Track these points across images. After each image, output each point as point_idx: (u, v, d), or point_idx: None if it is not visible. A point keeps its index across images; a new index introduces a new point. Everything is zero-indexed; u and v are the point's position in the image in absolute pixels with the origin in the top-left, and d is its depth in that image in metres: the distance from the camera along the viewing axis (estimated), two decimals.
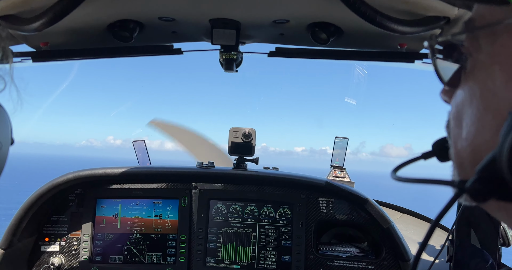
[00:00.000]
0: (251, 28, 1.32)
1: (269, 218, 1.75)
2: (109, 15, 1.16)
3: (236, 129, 1.80)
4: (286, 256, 1.72)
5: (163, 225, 1.78)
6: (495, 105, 0.40)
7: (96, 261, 1.74)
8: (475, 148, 0.42)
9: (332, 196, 1.75)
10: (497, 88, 0.39)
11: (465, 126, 0.44)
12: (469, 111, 0.43)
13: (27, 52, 1.27)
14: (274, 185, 1.79)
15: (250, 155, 1.82)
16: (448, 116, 0.49)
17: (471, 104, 0.43)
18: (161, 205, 1.79)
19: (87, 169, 1.76)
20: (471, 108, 0.43)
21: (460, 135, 0.45)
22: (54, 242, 1.75)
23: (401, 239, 1.62)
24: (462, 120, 0.44)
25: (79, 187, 1.77)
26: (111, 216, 1.78)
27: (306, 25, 1.25)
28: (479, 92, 0.42)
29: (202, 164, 1.86)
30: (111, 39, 1.26)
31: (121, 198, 1.79)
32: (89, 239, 1.74)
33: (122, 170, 1.77)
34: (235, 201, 1.78)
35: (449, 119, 0.48)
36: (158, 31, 1.31)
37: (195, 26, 1.29)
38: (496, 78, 0.40)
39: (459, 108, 0.45)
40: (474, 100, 0.43)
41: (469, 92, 0.44)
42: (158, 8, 1.14)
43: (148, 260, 1.76)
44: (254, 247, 1.75)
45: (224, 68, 1.45)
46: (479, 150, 0.41)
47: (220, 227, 1.77)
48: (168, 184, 1.82)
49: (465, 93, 0.45)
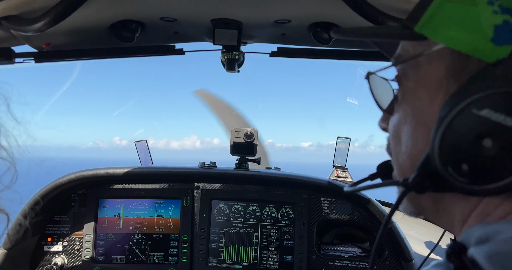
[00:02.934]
0: (253, 28, 1.32)
1: (271, 218, 1.75)
2: (111, 16, 1.17)
3: (238, 130, 1.80)
4: (288, 256, 1.72)
5: (165, 225, 1.78)
6: (424, 120, 0.49)
7: (99, 261, 1.75)
8: (413, 158, 0.51)
9: (334, 196, 1.75)
10: (424, 107, 0.49)
11: (403, 142, 0.53)
12: (405, 128, 0.52)
13: (29, 52, 1.28)
14: (276, 185, 1.79)
15: (252, 155, 1.82)
16: (388, 139, 0.58)
17: (405, 122, 0.52)
18: (163, 205, 1.79)
19: (90, 169, 1.76)
20: (406, 126, 0.52)
21: (400, 150, 0.53)
22: (56, 242, 1.76)
23: (403, 239, 1.61)
24: (401, 137, 0.53)
25: (82, 187, 1.78)
26: (113, 216, 1.78)
27: (308, 25, 1.25)
28: (411, 112, 0.51)
29: (204, 164, 1.86)
30: (113, 39, 1.26)
31: (123, 198, 1.79)
32: (92, 239, 1.74)
33: (124, 170, 1.77)
34: (237, 201, 1.78)
35: (389, 141, 0.58)
36: (160, 31, 1.31)
37: (197, 26, 1.29)
38: (422, 99, 0.49)
39: (396, 128, 0.54)
40: (408, 119, 0.52)
41: (403, 113, 0.53)
42: (160, 9, 1.14)
43: (151, 260, 1.76)
44: (256, 247, 1.74)
45: (226, 68, 1.45)
46: (416, 159, 0.48)
47: (222, 227, 1.77)
48: (170, 184, 1.82)
49: (400, 115, 0.54)
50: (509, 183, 0.39)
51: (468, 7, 0.44)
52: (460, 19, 0.44)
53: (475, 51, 0.43)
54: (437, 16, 0.46)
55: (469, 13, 0.44)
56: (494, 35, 0.41)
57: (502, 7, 0.42)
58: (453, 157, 0.42)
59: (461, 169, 0.41)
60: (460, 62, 0.45)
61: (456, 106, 0.41)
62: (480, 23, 0.42)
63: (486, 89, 0.39)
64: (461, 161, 0.41)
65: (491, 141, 0.39)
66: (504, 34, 0.41)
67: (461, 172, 0.41)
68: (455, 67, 0.46)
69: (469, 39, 0.43)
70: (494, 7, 0.42)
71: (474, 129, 0.40)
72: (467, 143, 0.40)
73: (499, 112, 0.38)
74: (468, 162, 0.41)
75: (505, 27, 0.41)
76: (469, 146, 0.40)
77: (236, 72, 1.49)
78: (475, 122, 0.39)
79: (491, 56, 0.42)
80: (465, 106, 0.40)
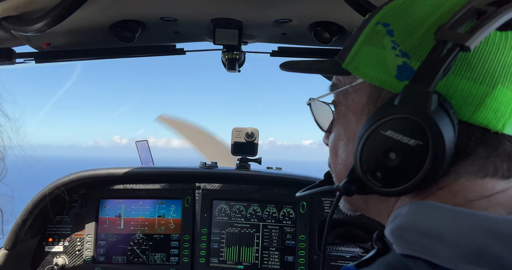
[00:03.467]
0: (254, 28, 1.31)
1: (273, 218, 1.75)
2: (111, 16, 1.16)
3: (238, 129, 1.80)
4: (289, 256, 1.71)
5: (166, 226, 1.78)
6: (353, 137, 0.60)
7: (100, 261, 1.75)
8: (346, 168, 0.61)
9: (335, 196, 1.74)
10: (352, 127, 0.61)
11: (339, 155, 0.65)
12: (340, 144, 0.64)
13: (29, 53, 1.27)
14: (277, 185, 1.79)
15: (253, 155, 1.82)
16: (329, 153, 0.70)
17: (340, 139, 0.64)
18: (164, 205, 1.79)
19: (90, 169, 1.76)
20: (340, 142, 0.64)
21: (337, 161, 0.66)
22: (57, 243, 1.75)
23: None
24: (337, 151, 0.65)
25: (82, 187, 1.78)
26: (114, 216, 1.78)
27: (308, 25, 1.25)
28: (343, 131, 0.63)
29: (205, 164, 1.86)
30: (113, 39, 1.26)
31: (124, 198, 1.79)
32: (93, 240, 1.74)
33: (125, 171, 1.77)
34: (238, 201, 1.78)
35: (329, 154, 0.70)
36: (160, 31, 1.31)
37: (198, 26, 1.28)
38: (351, 120, 0.61)
39: (334, 144, 0.66)
40: (342, 136, 0.64)
41: (338, 132, 0.65)
42: (160, 9, 1.14)
43: (152, 260, 1.76)
44: (257, 247, 1.74)
45: (227, 68, 1.45)
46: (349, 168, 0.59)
47: (223, 227, 1.77)
48: (171, 184, 1.82)
49: (336, 133, 0.66)
50: (411, 184, 0.49)
51: (379, 50, 0.55)
52: (373, 60, 0.55)
53: (385, 85, 0.54)
54: (357, 56, 0.58)
55: (379, 55, 0.55)
56: (397, 73, 0.52)
57: (402, 51, 0.53)
58: (370, 167, 0.52)
59: (376, 176, 0.52)
60: (377, 92, 0.56)
61: (369, 128, 0.52)
62: (387, 64, 0.53)
63: (388, 115, 0.50)
64: (375, 170, 0.52)
65: (394, 154, 0.49)
66: (404, 72, 0.52)
67: (376, 178, 0.52)
68: (373, 96, 0.57)
69: (380, 76, 0.54)
70: (396, 51, 0.53)
71: (382, 145, 0.50)
72: (378, 156, 0.51)
73: (398, 133, 0.49)
74: (380, 170, 0.51)
75: (404, 67, 0.52)
76: (380, 158, 0.51)
77: (237, 72, 1.49)
78: (382, 140, 0.50)
79: (396, 89, 0.52)
80: (375, 128, 0.51)
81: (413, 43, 0.52)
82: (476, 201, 0.50)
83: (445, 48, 0.47)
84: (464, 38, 0.45)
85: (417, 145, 0.48)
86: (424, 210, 0.49)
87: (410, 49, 0.52)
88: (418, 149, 0.48)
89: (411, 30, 0.53)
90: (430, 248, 0.45)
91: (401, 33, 0.54)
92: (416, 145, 0.48)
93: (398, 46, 0.53)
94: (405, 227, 0.49)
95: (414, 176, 0.49)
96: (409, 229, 0.49)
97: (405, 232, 0.49)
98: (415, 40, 0.52)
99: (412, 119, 0.48)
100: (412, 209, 0.51)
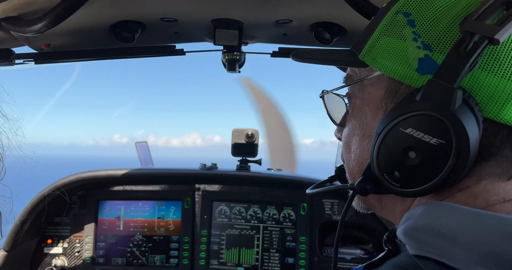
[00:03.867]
0: (254, 29, 1.31)
1: (273, 220, 1.74)
2: (111, 16, 1.16)
3: (239, 130, 1.79)
4: (290, 258, 1.71)
5: (166, 227, 1.77)
6: (368, 134, 0.58)
7: (99, 263, 1.74)
8: (360, 165, 0.59)
9: (336, 198, 1.74)
10: (368, 122, 0.58)
11: (352, 151, 0.62)
12: (354, 140, 0.61)
13: (29, 53, 1.27)
14: (278, 186, 1.78)
15: (253, 156, 1.81)
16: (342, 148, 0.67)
17: (354, 135, 0.61)
18: (164, 207, 1.78)
19: (90, 170, 1.76)
20: (354, 138, 0.61)
21: (350, 157, 0.63)
22: (56, 244, 1.75)
23: None
24: (351, 147, 0.62)
25: (82, 188, 1.77)
26: (113, 218, 1.77)
27: (309, 25, 1.24)
28: (358, 126, 0.60)
29: (205, 165, 1.85)
30: (113, 40, 1.25)
31: (123, 199, 1.78)
32: (92, 241, 1.74)
33: (124, 172, 1.77)
34: (238, 202, 1.77)
35: (342, 149, 0.67)
36: (160, 32, 1.30)
37: (198, 26, 1.28)
38: (367, 115, 0.58)
39: (347, 139, 0.63)
40: (356, 132, 0.61)
41: (352, 127, 0.62)
42: (160, 9, 1.13)
43: (151, 262, 1.75)
44: (257, 249, 1.73)
45: (227, 68, 1.45)
46: (363, 165, 0.57)
47: (223, 229, 1.76)
48: (171, 186, 1.81)
49: (350, 128, 0.63)
50: (431, 186, 0.47)
51: (399, 41, 0.52)
52: (393, 51, 0.53)
53: (404, 78, 0.51)
54: (375, 47, 0.55)
55: (399, 47, 0.52)
56: (418, 66, 0.50)
57: (423, 43, 0.50)
58: (387, 166, 0.50)
59: (394, 175, 0.50)
60: (395, 85, 0.53)
61: (388, 124, 0.49)
62: (407, 56, 0.51)
63: (409, 112, 0.47)
64: (393, 169, 0.50)
65: (414, 153, 0.47)
66: (425, 66, 0.49)
67: (394, 178, 0.50)
68: (392, 90, 0.54)
69: (399, 69, 0.51)
70: (417, 43, 0.50)
71: (401, 143, 0.48)
72: (397, 154, 0.49)
73: (419, 130, 0.46)
74: (398, 170, 0.49)
75: (426, 60, 0.49)
76: (398, 157, 0.49)
77: (237, 73, 1.48)
78: (402, 138, 0.48)
79: (417, 83, 0.50)
80: (394, 124, 0.49)
81: (436, 35, 0.49)
82: (498, 204, 0.47)
83: (471, 41, 0.44)
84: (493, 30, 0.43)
85: (439, 144, 0.45)
86: (440, 210, 0.47)
87: (433, 41, 0.49)
88: (440, 148, 0.45)
89: (434, 20, 0.50)
90: (444, 249, 0.44)
91: (423, 23, 0.51)
92: (438, 144, 0.45)
93: (419, 37, 0.50)
94: (419, 227, 0.47)
95: (434, 177, 0.47)
96: (423, 230, 0.46)
97: (419, 233, 0.47)
98: (438, 32, 0.49)
99: (435, 116, 0.45)
100: (427, 210, 0.48)
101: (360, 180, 0.54)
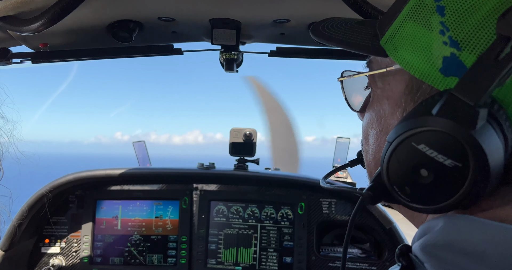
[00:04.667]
0: (252, 28, 1.31)
1: (271, 219, 1.74)
2: (108, 16, 1.16)
3: (237, 130, 1.79)
4: (287, 257, 1.71)
5: (163, 227, 1.77)
6: (386, 129, 0.54)
7: (97, 262, 1.74)
8: (376, 162, 0.56)
9: (334, 197, 1.74)
10: (386, 117, 0.53)
11: (370, 144, 0.58)
12: (371, 133, 0.57)
13: (26, 53, 1.27)
14: (275, 186, 1.78)
15: (251, 156, 1.81)
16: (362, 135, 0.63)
17: (372, 127, 0.57)
18: (162, 206, 1.78)
19: (87, 170, 1.75)
20: (372, 131, 0.57)
21: (368, 151, 0.59)
22: (54, 244, 1.74)
23: (403, 240, 1.61)
24: (369, 139, 0.58)
25: (79, 188, 1.77)
26: (111, 217, 1.77)
27: (307, 25, 1.24)
28: (376, 118, 0.56)
29: (203, 165, 1.85)
30: (110, 39, 1.25)
31: (121, 199, 1.78)
32: (89, 241, 1.73)
33: (122, 171, 1.76)
34: (236, 202, 1.77)
35: (362, 138, 0.62)
36: (157, 31, 1.30)
37: (195, 26, 1.28)
38: (385, 109, 0.53)
39: (366, 129, 0.59)
40: (374, 125, 0.56)
41: (371, 118, 0.57)
42: (158, 9, 1.13)
43: (149, 261, 1.75)
44: (255, 248, 1.74)
45: (225, 68, 1.45)
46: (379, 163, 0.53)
47: (221, 228, 1.76)
48: (169, 185, 1.81)
49: (369, 118, 0.58)
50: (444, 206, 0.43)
51: (424, 31, 0.45)
52: (416, 42, 0.46)
53: (426, 78, 0.45)
54: (398, 34, 0.48)
55: (424, 38, 0.45)
56: (442, 65, 0.43)
57: (451, 39, 0.42)
58: (397, 178, 0.46)
59: (404, 189, 0.45)
60: (416, 82, 0.48)
61: (400, 135, 0.44)
62: (431, 52, 0.44)
63: (423, 125, 0.41)
64: (403, 183, 0.45)
65: (426, 172, 0.42)
66: (451, 67, 0.42)
67: (404, 192, 0.45)
68: (412, 86, 0.48)
69: (421, 66, 0.45)
70: (444, 37, 0.43)
71: (413, 159, 0.43)
72: (408, 169, 0.44)
73: (432, 149, 0.41)
74: (409, 185, 0.44)
75: (452, 60, 0.42)
76: (409, 173, 0.44)
77: (235, 72, 1.48)
78: (413, 154, 0.43)
79: (440, 85, 0.43)
80: (407, 137, 0.43)
81: (467, 31, 0.41)
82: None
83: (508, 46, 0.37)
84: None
85: (455, 167, 0.40)
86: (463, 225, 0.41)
87: (462, 37, 0.41)
88: (456, 170, 0.40)
89: (467, 11, 0.41)
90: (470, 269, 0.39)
91: (453, 13, 0.42)
92: (453, 166, 0.40)
93: (447, 30, 0.43)
94: (439, 244, 0.42)
95: (449, 198, 0.42)
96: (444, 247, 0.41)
97: (440, 250, 0.41)
98: (469, 27, 0.41)
99: (452, 136, 0.39)
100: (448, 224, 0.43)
101: (369, 188, 0.50)
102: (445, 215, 0.45)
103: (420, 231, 0.46)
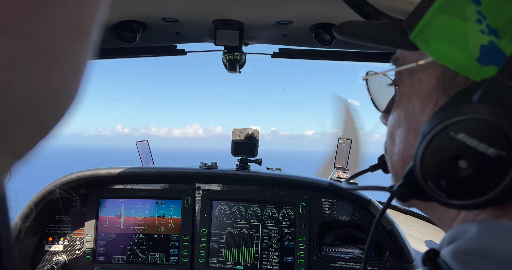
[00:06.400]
0: (255, 29, 1.32)
1: (272, 219, 1.75)
2: (113, 16, 1.17)
3: (239, 130, 1.80)
4: (289, 257, 1.72)
5: (166, 226, 1.78)
6: (415, 127, 0.51)
7: (99, 261, 1.75)
8: (404, 161, 0.54)
9: (335, 197, 1.75)
10: (416, 113, 0.51)
11: (397, 144, 0.55)
12: (398, 132, 0.55)
13: None
14: (277, 186, 1.79)
15: (253, 156, 1.82)
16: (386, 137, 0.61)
17: (399, 126, 0.55)
18: (164, 205, 1.79)
19: (91, 169, 1.77)
20: (399, 129, 0.55)
21: (394, 151, 0.56)
22: (57, 242, 1.76)
23: (404, 241, 1.61)
24: (395, 139, 0.56)
25: (83, 187, 1.78)
26: (114, 216, 1.78)
27: (309, 26, 1.25)
28: (404, 117, 0.54)
29: (205, 164, 1.86)
30: (115, 39, 1.26)
31: (124, 198, 1.79)
32: (92, 239, 1.75)
33: (125, 171, 1.78)
34: (238, 201, 1.78)
35: (386, 139, 0.60)
36: (161, 32, 1.31)
37: (199, 27, 1.29)
38: (414, 106, 0.51)
39: (392, 129, 0.57)
40: (401, 123, 0.54)
41: (397, 116, 0.55)
42: (162, 9, 1.14)
43: (151, 260, 1.76)
44: (257, 247, 1.74)
45: (228, 69, 1.46)
46: (407, 162, 0.51)
47: (223, 228, 1.77)
48: (171, 185, 1.82)
49: (395, 117, 0.56)
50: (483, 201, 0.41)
51: (459, 22, 0.44)
52: (450, 34, 0.44)
53: (462, 68, 0.43)
54: (429, 27, 0.47)
55: (458, 29, 0.44)
56: (479, 54, 0.42)
57: (489, 27, 0.41)
58: (433, 173, 0.43)
59: (440, 184, 0.43)
60: (449, 75, 0.46)
61: (436, 126, 0.42)
62: (467, 41, 0.43)
63: (463, 114, 0.40)
64: (439, 177, 0.43)
65: (466, 163, 0.40)
66: (489, 55, 0.41)
67: (439, 187, 0.43)
68: (445, 80, 0.46)
69: (456, 56, 0.43)
70: (481, 26, 0.42)
71: (451, 150, 0.41)
72: (445, 162, 0.42)
73: (473, 138, 0.39)
74: (445, 179, 0.42)
75: (490, 48, 0.41)
76: (446, 165, 0.42)
77: (238, 73, 1.49)
78: (451, 144, 0.41)
79: (477, 75, 0.42)
80: (444, 127, 0.41)
81: (506, 17, 0.40)
82: None
83: None
84: None
85: (498, 156, 0.38)
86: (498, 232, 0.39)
87: (501, 24, 0.41)
88: (499, 160, 0.38)
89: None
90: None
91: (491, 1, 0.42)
92: (496, 156, 0.38)
93: (484, 19, 0.42)
94: (472, 251, 0.39)
95: (489, 191, 0.40)
96: (478, 255, 0.38)
97: (474, 259, 0.38)
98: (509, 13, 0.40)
99: (495, 123, 0.38)
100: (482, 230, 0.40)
101: (400, 184, 0.48)
102: (478, 220, 0.43)
103: (449, 236, 0.44)
